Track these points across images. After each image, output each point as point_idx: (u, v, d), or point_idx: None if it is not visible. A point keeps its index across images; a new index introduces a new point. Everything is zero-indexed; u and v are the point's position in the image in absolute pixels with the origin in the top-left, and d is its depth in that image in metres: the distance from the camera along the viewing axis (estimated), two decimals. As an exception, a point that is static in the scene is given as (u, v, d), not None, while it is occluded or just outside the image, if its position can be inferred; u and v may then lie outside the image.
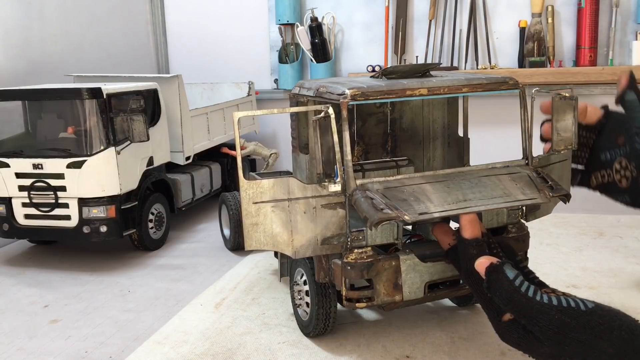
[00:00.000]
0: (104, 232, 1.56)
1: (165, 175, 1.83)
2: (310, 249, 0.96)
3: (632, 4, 2.16)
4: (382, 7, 2.40)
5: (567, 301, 0.74)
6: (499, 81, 1.03)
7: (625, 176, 1.04)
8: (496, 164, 1.03)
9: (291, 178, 0.94)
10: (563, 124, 1.04)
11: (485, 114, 2.27)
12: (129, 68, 2.44)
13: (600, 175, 1.08)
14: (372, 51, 2.46)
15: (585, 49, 2.18)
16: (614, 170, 1.06)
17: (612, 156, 1.06)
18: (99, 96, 1.52)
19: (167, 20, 2.71)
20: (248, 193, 0.93)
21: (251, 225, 0.94)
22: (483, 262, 0.83)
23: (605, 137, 1.07)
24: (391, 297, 0.98)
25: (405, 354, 1.06)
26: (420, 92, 0.98)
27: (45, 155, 1.55)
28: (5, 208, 1.60)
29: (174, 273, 1.55)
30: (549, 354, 0.74)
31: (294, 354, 1.07)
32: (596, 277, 1.36)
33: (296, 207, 0.94)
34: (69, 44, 2.16)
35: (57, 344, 1.18)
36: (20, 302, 1.40)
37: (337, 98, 0.95)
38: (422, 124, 1.31)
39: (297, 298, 1.14)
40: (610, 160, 1.06)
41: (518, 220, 1.06)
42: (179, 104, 1.87)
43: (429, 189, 0.94)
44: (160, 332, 1.18)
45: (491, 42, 2.31)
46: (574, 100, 1.03)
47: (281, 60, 2.52)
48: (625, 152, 1.04)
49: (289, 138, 1.15)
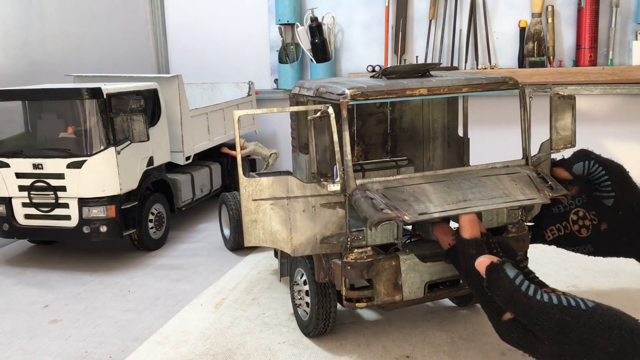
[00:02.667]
0: (104, 232, 1.57)
1: (165, 175, 1.83)
2: (309, 247, 0.97)
3: (632, 4, 2.16)
4: (382, 7, 2.40)
5: (568, 300, 0.74)
6: (499, 81, 1.03)
7: (585, 225, 1.05)
8: (496, 163, 1.03)
9: (290, 177, 0.94)
10: (562, 123, 1.04)
11: (485, 114, 2.27)
12: (129, 68, 2.44)
13: (556, 229, 1.08)
14: (372, 51, 2.45)
15: (585, 49, 2.18)
16: (570, 221, 1.06)
17: (566, 208, 1.07)
18: (99, 96, 1.52)
19: (167, 20, 2.71)
20: (247, 190, 0.94)
21: (250, 221, 0.95)
22: (483, 261, 0.83)
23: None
24: (391, 297, 0.98)
25: (405, 354, 1.06)
26: (420, 92, 0.98)
27: (45, 155, 1.55)
28: (5, 208, 1.60)
29: (174, 273, 1.55)
30: (549, 353, 0.74)
31: (294, 354, 1.07)
32: (596, 277, 1.36)
33: (295, 206, 0.94)
34: (69, 44, 2.16)
35: (57, 344, 1.18)
36: (20, 302, 1.40)
37: (337, 98, 0.95)
38: (422, 124, 1.31)
39: (297, 298, 1.14)
40: (564, 213, 1.07)
41: (518, 220, 1.06)
42: (179, 104, 1.87)
43: (428, 189, 0.94)
44: (160, 332, 1.18)
45: (491, 42, 2.31)
46: (572, 99, 1.03)
47: (281, 60, 2.52)
48: (582, 202, 1.05)
49: (289, 138, 1.15)
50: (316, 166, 0.93)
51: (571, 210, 1.06)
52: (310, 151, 0.94)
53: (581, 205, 1.05)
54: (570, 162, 1.04)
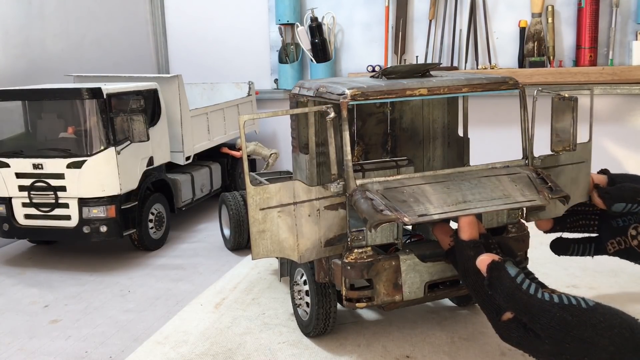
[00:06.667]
0: (104, 232, 1.57)
1: (165, 175, 1.83)
2: (315, 252, 0.96)
3: (632, 4, 2.16)
4: (382, 7, 2.40)
5: (569, 299, 0.74)
6: (499, 81, 1.03)
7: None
8: (496, 164, 1.03)
9: (296, 181, 0.93)
10: (562, 125, 1.04)
11: (485, 114, 2.27)
12: (129, 68, 2.44)
13: (617, 242, 1.07)
14: (372, 51, 2.45)
15: (585, 49, 2.18)
16: (630, 236, 1.05)
17: (625, 222, 1.06)
18: (99, 96, 1.52)
19: (167, 20, 2.71)
20: (255, 199, 0.91)
21: (258, 232, 0.92)
22: (484, 259, 0.83)
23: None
24: (391, 297, 0.98)
25: (405, 354, 1.06)
26: (420, 92, 0.98)
27: (46, 155, 1.55)
28: (5, 208, 1.60)
29: (174, 273, 1.55)
30: (550, 352, 0.74)
31: (294, 354, 1.07)
32: (596, 277, 1.36)
33: (301, 211, 0.94)
34: (69, 44, 2.16)
35: (57, 344, 1.18)
36: (20, 302, 1.40)
37: (337, 98, 0.95)
38: (422, 124, 1.31)
39: (297, 298, 1.14)
40: (623, 227, 1.06)
41: (518, 220, 1.06)
42: (179, 104, 1.87)
43: (428, 190, 0.94)
44: (160, 332, 1.18)
45: (491, 42, 2.31)
46: (572, 100, 1.02)
47: (281, 60, 2.52)
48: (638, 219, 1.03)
49: (289, 138, 1.15)
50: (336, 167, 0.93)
51: (630, 225, 1.05)
52: (330, 152, 0.93)
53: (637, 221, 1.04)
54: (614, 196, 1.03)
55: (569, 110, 1.02)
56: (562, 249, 1.13)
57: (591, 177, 1.08)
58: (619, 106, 2.23)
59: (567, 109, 1.02)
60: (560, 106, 1.03)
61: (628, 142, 2.25)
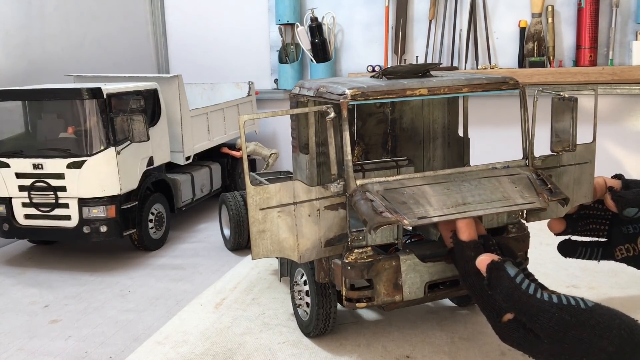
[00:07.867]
0: (104, 232, 1.57)
1: (165, 175, 1.83)
2: (315, 252, 0.96)
3: (632, 4, 2.16)
4: (382, 7, 2.40)
5: (568, 299, 0.74)
6: (499, 81, 1.03)
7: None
8: (496, 164, 1.03)
9: (296, 181, 0.93)
10: (562, 125, 1.03)
11: (485, 114, 2.27)
12: (129, 68, 2.44)
13: (625, 249, 1.06)
14: (372, 51, 2.46)
15: (585, 49, 2.18)
16: (639, 243, 1.04)
17: (636, 230, 1.05)
18: (99, 96, 1.52)
19: (167, 20, 2.71)
20: (255, 199, 0.91)
21: (258, 232, 0.92)
22: (484, 260, 0.83)
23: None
24: (391, 297, 0.98)
25: (405, 354, 1.06)
26: (420, 92, 0.98)
27: (45, 155, 1.55)
28: (5, 208, 1.60)
29: (174, 273, 1.55)
30: (549, 352, 0.74)
31: (294, 354, 1.07)
32: (596, 277, 1.36)
33: (301, 211, 0.94)
34: (69, 44, 2.16)
35: (57, 344, 1.18)
36: (20, 302, 1.40)
37: (337, 98, 0.95)
38: (422, 124, 1.31)
39: (297, 298, 1.14)
40: (633, 234, 1.05)
41: (518, 220, 1.06)
42: (179, 104, 1.87)
43: (428, 191, 0.94)
44: (160, 332, 1.18)
45: (491, 42, 2.31)
46: (572, 101, 1.02)
47: (281, 60, 2.52)
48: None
49: (289, 138, 1.15)
50: (336, 167, 0.93)
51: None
52: (330, 152, 0.93)
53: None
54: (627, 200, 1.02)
55: (569, 111, 1.02)
56: (570, 251, 1.13)
57: (605, 181, 1.07)
58: (619, 106, 2.23)
59: (567, 110, 1.02)
60: (560, 106, 1.03)
61: (628, 142, 2.25)
